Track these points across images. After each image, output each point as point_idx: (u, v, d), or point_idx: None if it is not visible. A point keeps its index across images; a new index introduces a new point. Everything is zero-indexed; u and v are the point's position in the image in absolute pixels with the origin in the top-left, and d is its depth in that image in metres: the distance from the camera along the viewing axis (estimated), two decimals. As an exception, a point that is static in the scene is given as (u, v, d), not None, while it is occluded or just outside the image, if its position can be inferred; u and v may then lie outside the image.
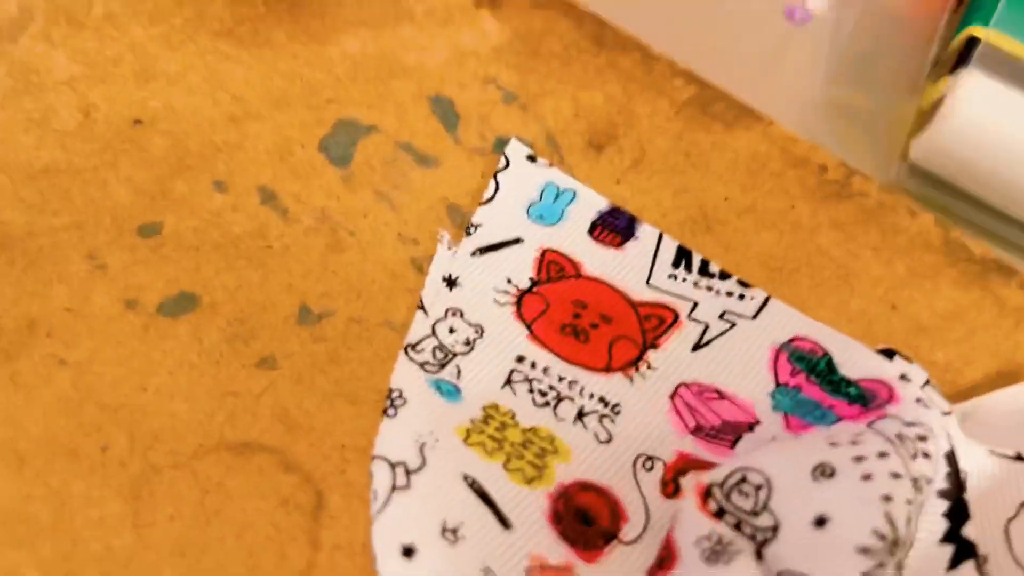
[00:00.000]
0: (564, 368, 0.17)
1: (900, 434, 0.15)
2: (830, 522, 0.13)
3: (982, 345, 0.19)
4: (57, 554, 0.14)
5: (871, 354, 0.17)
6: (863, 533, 0.13)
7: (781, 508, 0.14)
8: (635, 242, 0.19)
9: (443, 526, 0.15)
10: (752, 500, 0.14)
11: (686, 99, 0.22)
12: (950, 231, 0.21)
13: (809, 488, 0.14)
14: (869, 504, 0.13)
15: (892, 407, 0.15)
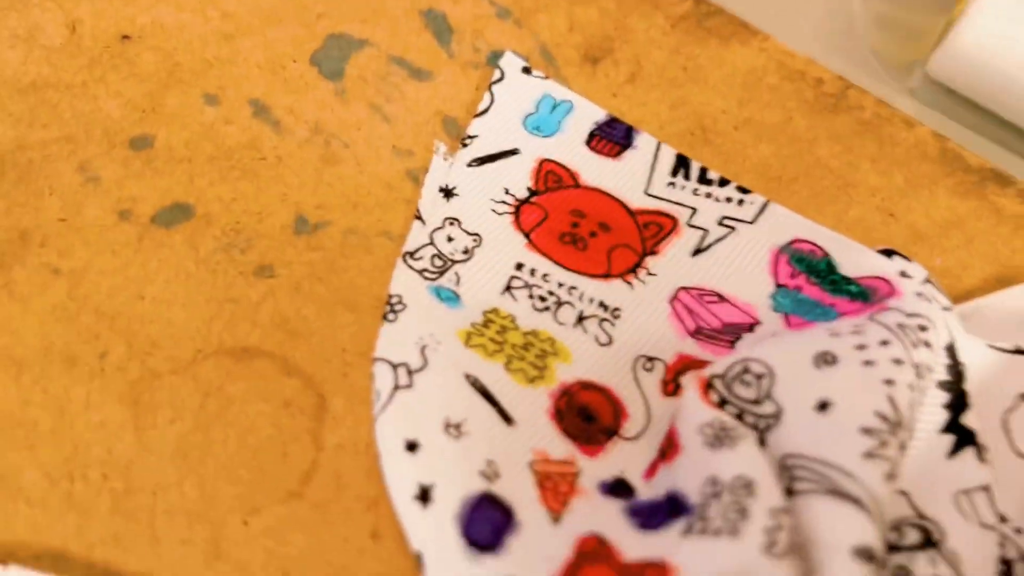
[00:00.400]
0: (563, 275, 0.17)
1: (901, 324, 0.15)
2: (833, 406, 0.13)
3: (979, 251, 0.19)
4: (58, 457, 0.14)
5: (871, 253, 0.17)
6: (866, 415, 0.13)
7: (783, 395, 0.14)
8: (633, 151, 0.19)
9: (446, 422, 0.15)
10: (754, 389, 0.14)
11: (682, 13, 0.22)
12: (946, 142, 0.21)
13: (811, 375, 0.14)
14: (871, 387, 0.13)
15: (893, 300, 0.15)
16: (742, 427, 0.14)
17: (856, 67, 0.22)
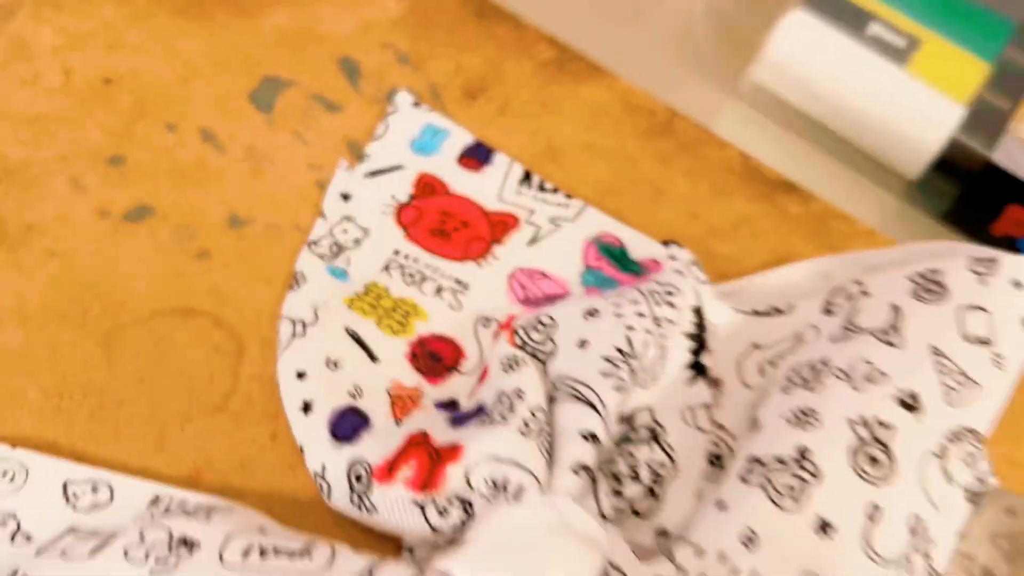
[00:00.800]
0: (430, 259, 0.23)
1: (652, 290, 0.21)
2: (588, 343, 0.19)
3: (762, 243, 0.25)
4: (52, 382, 0.20)
5: (654, 243, 0.23)
6: (608, 348, 0.19)
7: (560, 338, 0.20)
8: (491, 167, 0.25)
9: (327, 359, 0.21)
10: (542, 335, 0.20)
11: (547, 59, 0.28)
12: (749, 160, 0.27)
13: (580, 324, 0.20)
14: (615, 331, 0.19)
15: (654, 275, 0.21)
16: (529, 359, 0.20)
17: (689, 92, 0.29)
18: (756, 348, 0.21)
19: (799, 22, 0.28)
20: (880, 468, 0.17)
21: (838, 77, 0.28)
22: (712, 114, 0.29)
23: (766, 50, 0.29)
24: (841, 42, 0.28)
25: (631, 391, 0.19)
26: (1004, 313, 0.19)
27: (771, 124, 0.29)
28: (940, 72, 0.28)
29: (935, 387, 0.18)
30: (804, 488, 0.17)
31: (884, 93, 0.28)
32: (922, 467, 0.17)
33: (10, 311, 0.21)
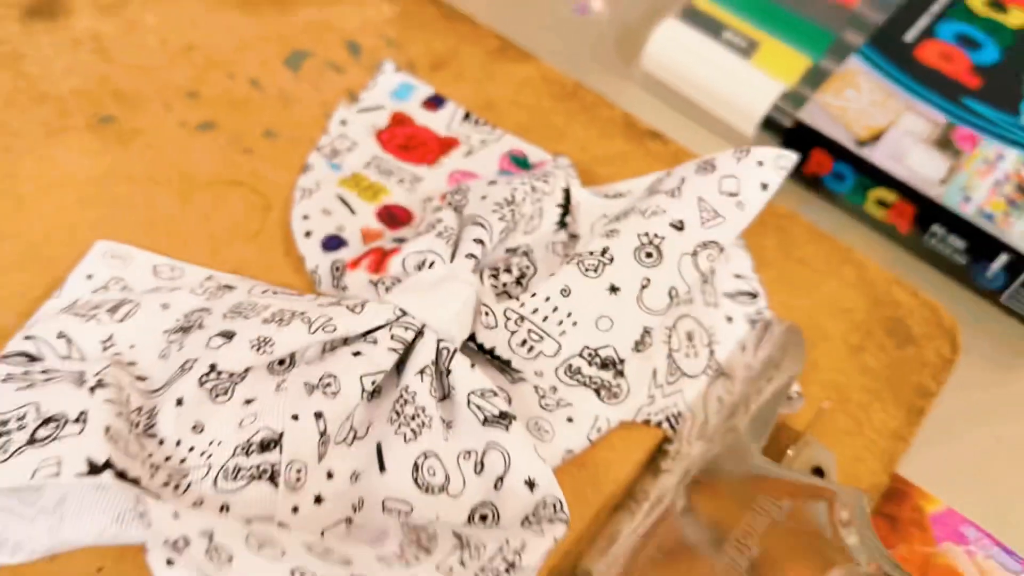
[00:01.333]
0: (397, 162, 0.35)
1: (534, 174, 0.32)
2: (486, 197, 0.31)
3: (633, 167, 0.37)
4: (148, 217, 0.32)
5: (547, 155, 0.35)
6: (499, 198, 0.31)
7: (470, 196, 0.31)
8: (443, 109, 0.37)
9: (323, 209, 0.32)
10: (460, 195, 0.32)
11: (493, 47, 0.40)
12: (630, 116, 0.39)
13: (483, 187, 0.31)
14: (504, 190, 0.31)
15: (538, 169, 0.33)
16: (448, 207, 0.31)
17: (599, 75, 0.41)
18: (603, 216, 0.33)
19: (673, 27, 0.41)
20: (653, 259, 0.28)
21: (700, 67, 0.40)
22: (614, 92, 0.41)
23: (649, 47, 0.41)
24: (703, 42, 0.40)
25: (515, 230, 0.31)
26: (748, 178, 0.30)
27: (652, 98, 0.41)
28: (773, 64, 0.40)
29: (695, 217, 0.29)
30: (603, 267, 0.28)
31: (732, 78, 0.40)
32: (680, 260, 0.28)
33: (122, 178, 0.33)
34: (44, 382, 0.25)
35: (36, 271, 0.30)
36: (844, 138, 0.37)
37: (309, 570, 0.20)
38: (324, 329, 0.26)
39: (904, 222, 0.37)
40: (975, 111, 0.39)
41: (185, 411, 0.25)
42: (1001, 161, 0.37)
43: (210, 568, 0.20)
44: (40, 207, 0.31)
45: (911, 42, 0.41)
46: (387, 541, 0.22)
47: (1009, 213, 0.35)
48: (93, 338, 0.27)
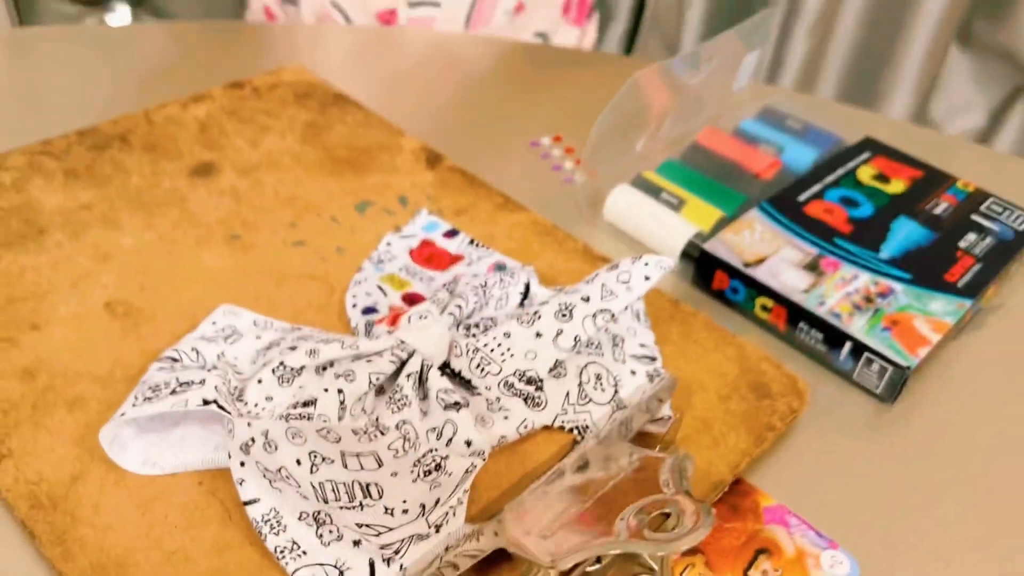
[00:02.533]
0: (419, 268, 0.52)
1: (505, 272, 0.49)
2: (468, 283, 0.47)
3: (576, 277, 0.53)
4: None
5: (519, 264, 0.51)
6: (477, 284, 0.47)
7: (460, 283, 0.48)
8: (457, 238, 0.54)
9: (365, 292, 0.50)
10: (454, 284, 0.48)
11: (497, 203, 0.58)
12: (588, 246, 0.55)
13: (471, 278, 0.48)
14: (481, 279, 0.47)
15: (509, 269, 0.50)
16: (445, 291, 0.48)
17: (575, 222, 0.58)
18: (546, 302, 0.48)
19: (624, 190, 0.58)
20: (566, 318, 0.44)
21: (642, 217, 0.57)
22: (584, 233, 0.58)
23: (607, 203, 0.58)
24: (645, 200, 0.57)
25: (487, 306, 0.47)
26: (637, 272, 0.45)
27: (610, 238, 0.58)
28: (695, 215, 0.57)
29: (597, 295, 0.45)
30: (534, 321, 0.44)
31: (664, 224, 0.56)
32: (583, 320, 0.44)
33: (241, 272, 0.51)
34: (182, 369, 0.42)
35: (184, 321, 0.47)
36: (736, 262, 0.52)
37: (323, 453, 0.35)
38: (351, 347, 0.42)
39: (781, 321, 0.51)
40: (842, 247, 0.54)
41: (262, 388, 0.41)
42: (855, 280, 0.51)
43: (263, 457, 0.36)
44: (191, 286, 0.50)
45: (802, 201, 0.57)
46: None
47: (852, 313, 0.49)
48: (212, 352, 0.44)
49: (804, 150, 0.63)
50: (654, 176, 0.58)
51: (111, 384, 0.43)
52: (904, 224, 0.56)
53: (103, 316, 0.46)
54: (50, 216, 0.52)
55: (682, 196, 0.57)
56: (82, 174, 0.55)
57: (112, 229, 0.52)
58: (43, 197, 0.53)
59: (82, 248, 0.50)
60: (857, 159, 0.62)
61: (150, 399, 0.39)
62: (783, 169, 0.61)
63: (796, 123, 0.65)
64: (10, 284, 0.47)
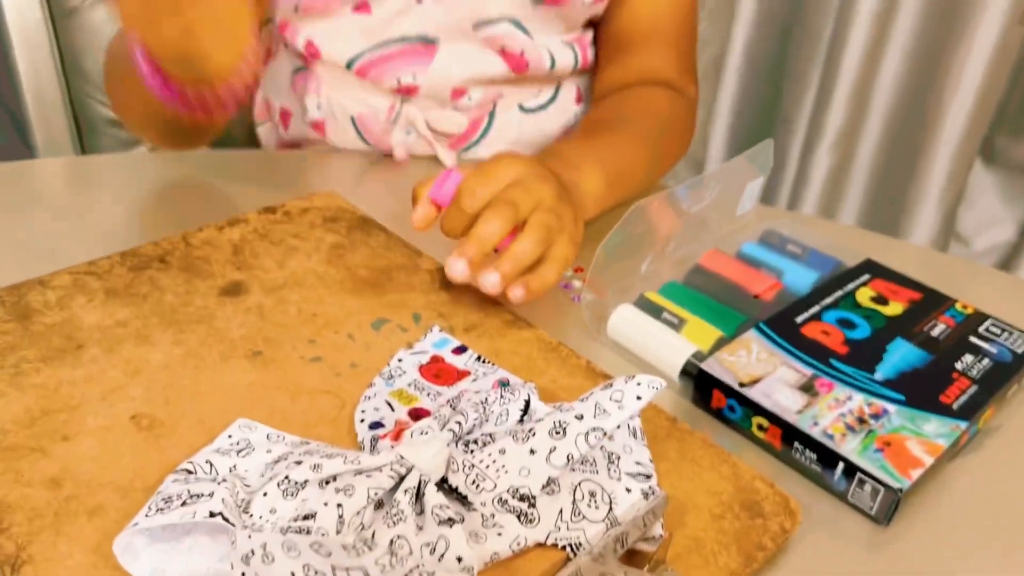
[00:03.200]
0: (427, 384, 0.55)
1: (506, 389, 0.51)
2: (470, 400, 0.50)
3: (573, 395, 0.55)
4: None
5: (521, 381, 0.54)
6: (478, 401, 0.49)
7: (462, 399, 0.50)
8: (465, 355, 0.57)
9: (374, 408, 0.52)
10: (457, 400, 0.51)
11: (507, 320, 0.61)
12: (592, 364, 0.58)
13: (473, 395, 0.50)
14: (482, 395, 0.50)
15: (511, 386, 0.52)
16: (448, 407, 0.50)
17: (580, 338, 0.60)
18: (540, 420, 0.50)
19: (627, 309, 0.60)
20: (559, 436, 0.46)
21: (643, 335, 0.59)
22: (589, 350, 0.60)
23: (610, 321, 0.60)
24: (647, 319, 0.60)
25: (487, 421, 0.49)
26: (629, 392, 0.47)
27: (613, 354, 0.60)
28: (695, 335, 0.59)
29: (591, 413, 0.47)
30: (528, 438, 0.46)
31: (664, 342, 0.59)
32: (576, 437, 0.46)
33: (259, 386, 0.54)
34: (194, 481, 0.44)
35: (204, 433, 0.50)
36: (732, 382, 0.54)
37: (316, 566, 0.37)
38: (353, 462, 0.44)
39: (776, 441, 0.52)
40: (837, 368, 0.55)
41: (267, 500, 0.43)
42: (849, 401, 0.53)
43: (262, 568, 0.38)
44: (212, 400, 0.53)
45: (800, 322, 0.59)
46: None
47: (846, 434, 0.50)
48: (225, 465, 0.46)
49: (805, 273, 0.65)
50: (656, 296, 0.61)
51: (130, 494, 0.45)
52: (900, 346, 0.57)
53: (129, 428, 0.49)
54: (88, 332, 0.56)
55: (683, 316, 0.59)
56: (121, 292, 0.60)
57: (144, 345, 0.55)
58: (84, 314, 0.57)
59: (115, 363, 0.54)
60: (856, 281, 0.64)
61: (162, 510, 0.42)
62: (783, 291, 0.63)
63: (796, 247, 0.68)
64: (47, 397, 0.51)
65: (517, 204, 0.55)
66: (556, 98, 0.90)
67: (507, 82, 0.85)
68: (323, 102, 0.85)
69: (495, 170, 0.58)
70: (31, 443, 0.47)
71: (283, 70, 0.89)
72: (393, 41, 0.79)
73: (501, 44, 0.79)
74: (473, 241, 0.55)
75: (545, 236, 0.56)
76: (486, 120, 0.87)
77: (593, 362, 0.58)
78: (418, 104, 0.84)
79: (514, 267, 0.56)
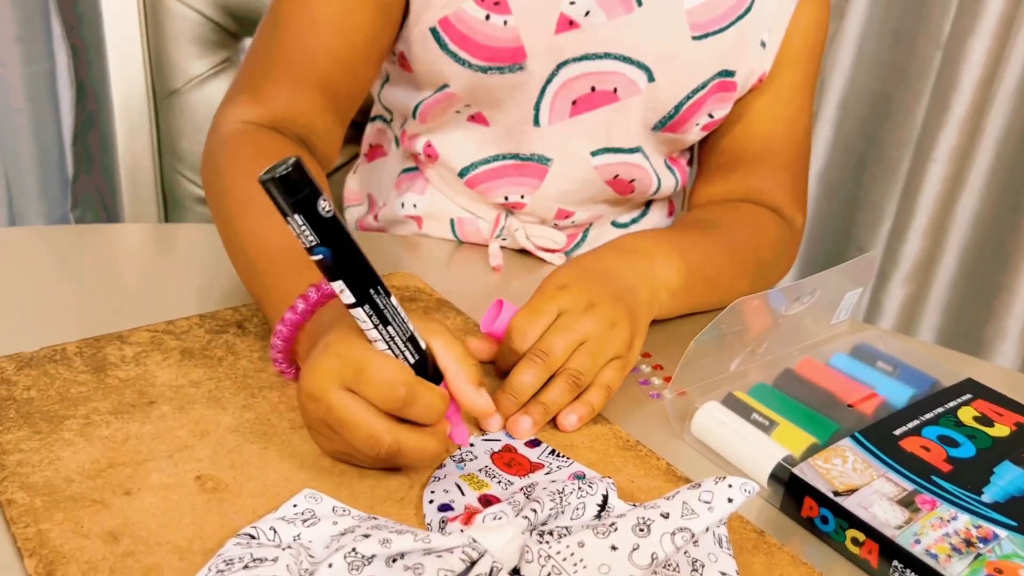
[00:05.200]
0: (499, 471, 0.52)
1: (583, 482, 0.48)
2: (546, 488, 0.47)
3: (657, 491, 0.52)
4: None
5: (598, 475, 0.51)
6: (554, 490, 0.47)
7: (537, 488, 0.48)
8: (538, 448, 0.54)
9: (443, 490, 0.50)
10: (531, 488, 0.48)
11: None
12: (672, 465, 0.54)
13: (548, 484, 0.48)
14: (559, 485, 0.47)
15: (588, 479, 0.49)
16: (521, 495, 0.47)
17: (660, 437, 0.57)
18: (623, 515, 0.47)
19: (714, 407, 0.57)
20: (643, 533, 0.42)
21: (732, 435, 0.56)
22: (670, 450, 0.57)
23: (695, 418, 0.57)
24: (735, 419, 0.57)
25: (563, 514, 0.46)
26: (720, 494, 0.44)
27: (696, 455, 0.57)
28: (786, 439, 0.55)
29: (678, 512, 0.43)
30: (610, 533, 0.43)
31: (753, 445, 0.55)
32: (662, 536, 0.42)
33: (331, 461, 0.52)
34: (257, 546, 0.42)
35: (268, 500, 0.48)
36: (826, 489, 0.50)
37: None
38: (423, 540, 0.42)
39: (873, 558, 0.48)
40: (940, 486, 0.51)
41: (332, 572, 0.40)
42: (954, 521, 0.49)
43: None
44: (279, 468, 0.51)
45: (898, 435, 0.55)
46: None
47: (951, 555, 0.46)
48: (289, 533, 0.44)
49: (899, 387, 0.62)
50: (746, 397, 0.58)
51: (188, 556, 0.43)
52: (1009, 469, 0.53)
53: (192, 488, 0.47)
54: (161, 390, 0.55)
55: (773, 418, 0.56)
56: (197, 354, 0.59)
57: (215, 407, 0.54)
58: (158, 372, 0.57)
59: (184, 422, 0.52)
60: (957, 400, 0.60)
61: (222, 572, 0.39)
62: (883, 403, 0.59)
63: (888, 364, 0.64)
64: (113, 449, 0.49)
65: (554, 352, 0.56)
66: (648, 212, 0.89)
67: (608, 202, 0.85)
68: (425, 201, 0.85)
69: (543, 305, 0.57)
70: (93, 494, 0.46)
71: (390, 169, 0.89)
72: (508, 156, 0.78)
73: (616, 172, 0.78)
74: (507, 394, 0.55)
75: (577, 382, 0.56)
76: (580, 235, 0.87)
77: (673, 464, 0.54)
78: (521, 219, 0.84)
79: (544, 415, 0.55)
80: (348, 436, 0.45)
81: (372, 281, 0.46)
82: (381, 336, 0.47)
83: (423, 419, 0.46)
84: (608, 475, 0.52)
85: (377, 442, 0.45)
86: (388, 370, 0.46)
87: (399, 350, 0.47)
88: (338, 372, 0.45)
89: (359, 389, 0.45)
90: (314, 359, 0.46)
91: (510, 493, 0.50)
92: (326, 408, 0.45)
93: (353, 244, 0.45)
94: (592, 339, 0.57)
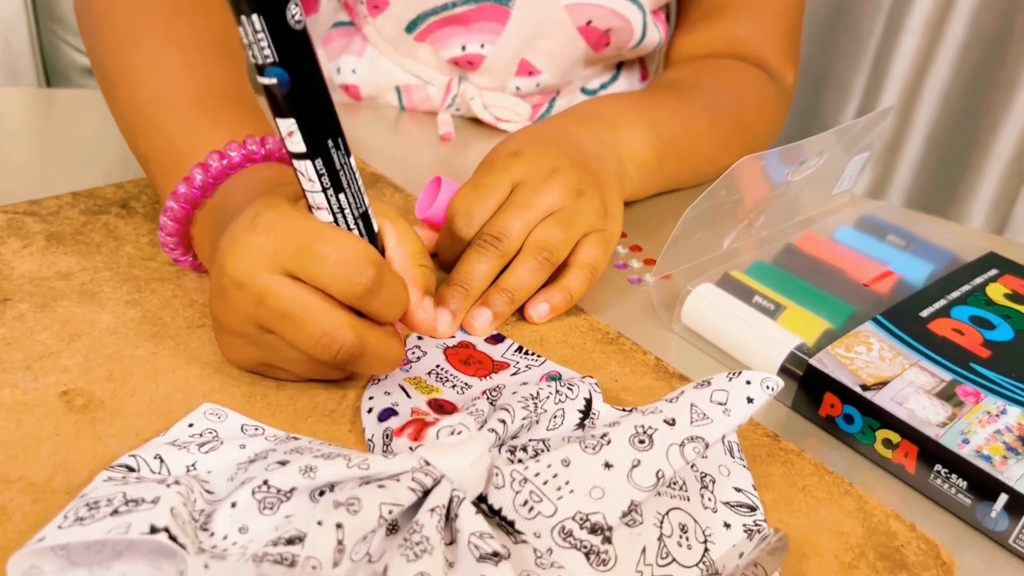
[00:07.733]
0: (454, 372, 0.42)
1: (560, 383, 0.38)
2: (516, 392, 0.37)
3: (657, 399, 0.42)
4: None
5: (576, 375, 0.41)
6: (527, 394, 0.37)
7: (504, 392, 0.38)
8: (502, 344, 0.44)
9: (384, 392, 0.39)
10: (497, 392, 0.38)
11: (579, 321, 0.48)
12: (660, 361, 0.45)
13: (517, 386, 0.38)
14: (531, 388, 0.37)
15: (565, 380, 0.39)
16: (486, 401, 0.37)
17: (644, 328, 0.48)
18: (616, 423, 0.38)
19: (709, 289, 0.48)
20: (644, 445, 0.33)
21: (731, 322, 0.47)
22: (657, 342, 0.48)
23: (687, 304, 0.48)
24: (734, 303, 0.47)
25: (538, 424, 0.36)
26: (737, 393, 0.35)
27: (688, 347, 0.47)
28: (795, 325, 0.46)
29: (686, 418, 0.34)
30: (601, 447, 0.33)
31: (758, 332, 0.46)
32: (668, 448, 0.33)
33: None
34: (135, 482, 0.31)
35: (156, 419, 0.37)
36: (852, 383, 0.42)
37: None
38: (360, 466, 0.31)
39: (910, 462, 0.40)
40: (982, 374, 0.43)
41: (237, 513, 0.30)
42: (1003, 415, 0.40)
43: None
44: (171, 377, 0.40)
45: (925, 317, 0.47)
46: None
47: (1007, 456, 0.38)
48: (180, 462, 0.33)
49: (916, 263, 0.53)
50: (744, 277, 0.48)
51: (45, 495, 0.32)
52: (1055, 352, 0.45)
53: (56, 406, 0.36)
54: (18, 283, 0.43)
55: (779, 301, 0.47)
56: (67, 239, 0.47)
57: (88, 304, 0.43)
58: (15, 261, 0.45)
59: (48, 323, 0.41)
60: (983, 276, 0.52)
61: (84, 520, 0.29)
62: (900, 282, 0.51)
63: (899, 237, 0.55)
64: (-50, 361, 0.38)
65: (510, 233, 0.45)
66: (618, 76, 0.77)
67: (579, 62, 0.71)
68: (365, 65, 0.72)
69: (493, 178, 0.46)
70: (-83, 420, 0.35)
71: (319, 23, 0.75)
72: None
73: (589, 16, 0.66)
74: (456, 286, 0.44)
75: (548, 259, 0.45)
76: (547, 104, 0.74)
77: (662, 359, 0.45)
78: (477, 82, 0.71)
79: (509, 304, 0.45)
80: (292, 335, 0.34)
81: (333, 130, 0.35)
82: (328, 204, 0.35)
83: (385, 313, 0.36)
84: (588, 374, 0.43)
85: (334, 340, 0.34)
86: (350, 247, 0.34)
87: (347, 228, 0.36)
88: (274, 250, 0.34)
89: (307, 271, 0.34)
90: (237, 234, 0.34)
91: (468, 398, 0.40)
92: (258, 298, 0.34)
93: (319, 74, 0.34)
94: (559, 210, 0.47)
